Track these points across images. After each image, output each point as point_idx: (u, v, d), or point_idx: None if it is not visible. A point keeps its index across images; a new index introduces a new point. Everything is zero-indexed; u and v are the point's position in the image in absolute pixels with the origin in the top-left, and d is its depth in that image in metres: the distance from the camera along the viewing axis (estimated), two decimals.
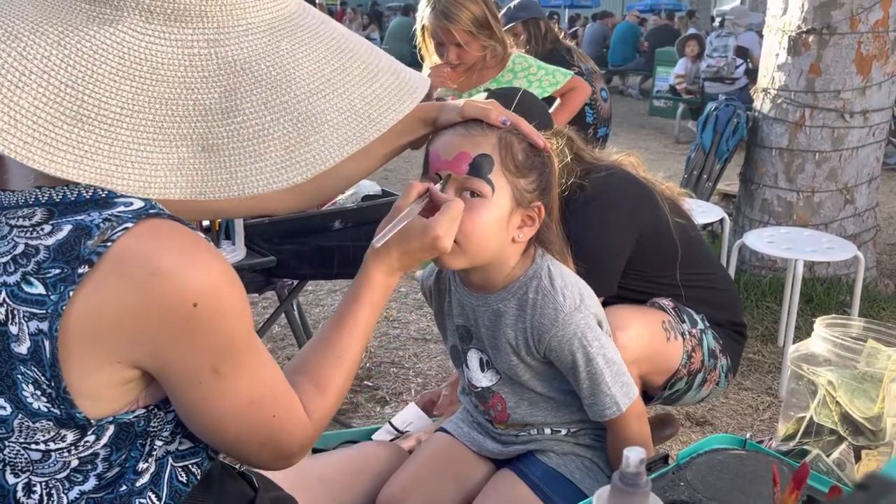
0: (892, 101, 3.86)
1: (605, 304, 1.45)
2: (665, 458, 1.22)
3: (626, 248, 1.68)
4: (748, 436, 1.30)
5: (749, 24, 9.09)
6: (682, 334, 1.68)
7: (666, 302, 1.72)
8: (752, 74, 7.39)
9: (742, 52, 8.21)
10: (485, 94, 1.60)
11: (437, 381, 2.95)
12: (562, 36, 3.87)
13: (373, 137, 0.83)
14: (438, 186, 1.16)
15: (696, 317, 1.75)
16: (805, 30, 3.69)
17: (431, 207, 1.12)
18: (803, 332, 3.03)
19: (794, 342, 2.91)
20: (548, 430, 1.37)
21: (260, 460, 0.92)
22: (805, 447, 1.36)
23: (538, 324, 1.23)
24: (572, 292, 1.24)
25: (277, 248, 2.11)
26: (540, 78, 2.72)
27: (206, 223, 2.00)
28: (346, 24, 16.55)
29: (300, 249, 2.14)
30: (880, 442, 1.30)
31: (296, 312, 2.78)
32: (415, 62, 2.88)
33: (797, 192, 3.85)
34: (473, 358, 1.38)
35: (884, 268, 4.31)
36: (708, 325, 1.77)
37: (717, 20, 12.84)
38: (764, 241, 3.22)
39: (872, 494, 0.33)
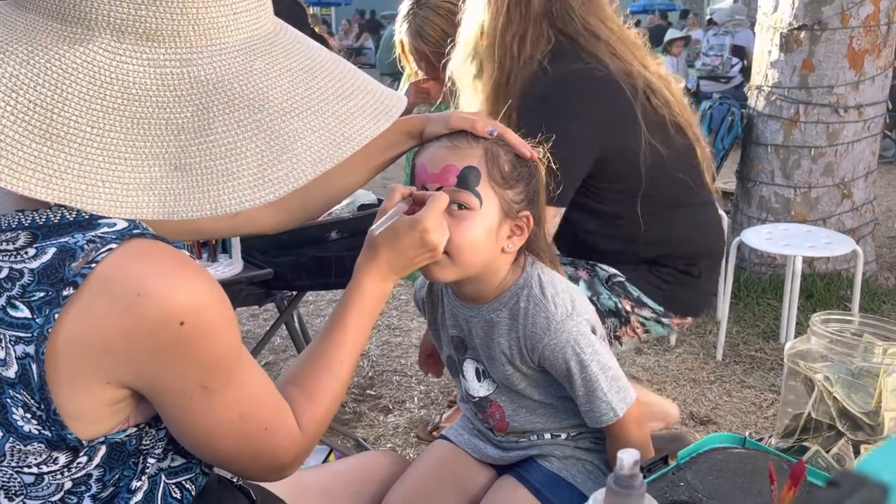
0: (886, 95, 3.86)
1: None
2: (665, 459, 1.22)
3: (586, 164, 1.62)
4: (748, 434, 1.30)
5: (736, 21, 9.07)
6: None
7: None
8: (747, 72, 7.42)
9: (739, 52, 8.21)
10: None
11: (440, 389, 2.95)
12: None
13: (346, 156, 0.82)
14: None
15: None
16: (796, 26, 3.70)
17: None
18: (804, 328, 3.02)
19: (795, 338, 2.91)
20: (548, 436, 1.37)
21: (254, 473, 0.92)
22: (804, 444, 1.36)
23: (531, 333, 1.23)
24: (563, 300, 1.23)
25: (274, 261, 2.11)
26: None
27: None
28: (341, 34, 16.63)
29: (297, 261, 2.14)
30: (879, 436, 1.30)
31: (296, 323, 2.79)
32: None
33: (794, 188, 3.86)
34: (469, 368, 1.38)
35: (883, 261, 4.31)
36: (609, 280, 1.72)
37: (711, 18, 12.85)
38: (762, 238, 3.22)
39: (843, 491, 0.34)
